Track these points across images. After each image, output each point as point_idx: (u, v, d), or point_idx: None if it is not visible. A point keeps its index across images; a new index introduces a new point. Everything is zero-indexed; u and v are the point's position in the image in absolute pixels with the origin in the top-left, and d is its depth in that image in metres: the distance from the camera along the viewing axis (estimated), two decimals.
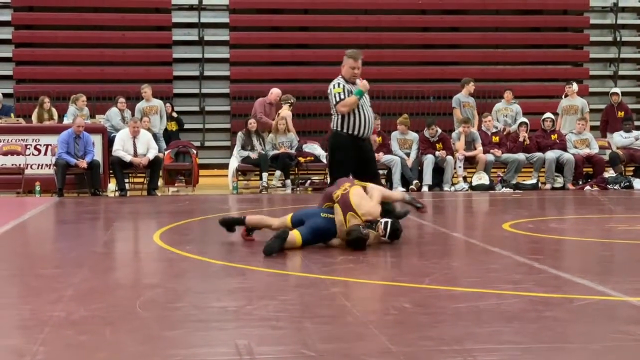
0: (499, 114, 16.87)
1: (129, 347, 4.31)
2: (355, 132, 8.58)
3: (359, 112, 8.59)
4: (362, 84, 8.72)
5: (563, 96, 17.30)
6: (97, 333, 4.56)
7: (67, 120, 15.93)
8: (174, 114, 17.48)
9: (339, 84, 8.68)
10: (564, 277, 6.21)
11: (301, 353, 4.12)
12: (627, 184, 15.77)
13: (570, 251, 7.62)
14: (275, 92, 16.77)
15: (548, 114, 16.50)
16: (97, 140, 15.21)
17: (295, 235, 7.56)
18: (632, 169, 16.84)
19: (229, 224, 8.28)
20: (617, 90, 18.04)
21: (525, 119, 16.47)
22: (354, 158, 8.59)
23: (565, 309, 5.12)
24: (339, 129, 8.66)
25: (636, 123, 18.43)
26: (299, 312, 5.11)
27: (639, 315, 4.99)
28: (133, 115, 16.23)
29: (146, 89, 16.59)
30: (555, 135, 16.20)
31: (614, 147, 16.73)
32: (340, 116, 8.59)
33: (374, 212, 7.51)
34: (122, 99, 16.56)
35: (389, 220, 7.66)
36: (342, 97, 8.59)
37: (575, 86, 17.08)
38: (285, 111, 16.65)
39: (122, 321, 4.85)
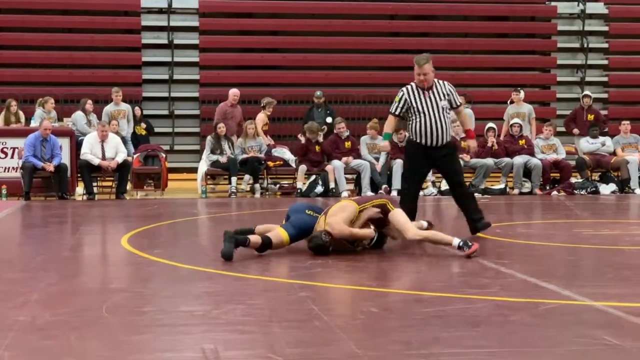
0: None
1: (94, 352, 4.29)
2: (420, 140, 8.66)
3: (423, 120, 8.60)
4: (382, 145, 9.34)
5: (509, 102, 17.41)
6: (62, 338, 4.53)
7: (34, 123, 15.83)
8: (143, 124, 17.33)
9: (401, 92, 8.80)
10: (530, 281, 6.26)
11: (268, 357, 4.12)
12: (594, 189, 15.91)
13: (537, 256, 7.68)
14: (232, 92, 16.75)
15: (516, 120, 16.61)
16: (64, 143, 15.11)
17: (282, 234, 7.56)
18: (598, 174, 16.99)
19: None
20: (589, 93, 18.21)
21: (493, 124, 16.56)
22: (418, 167, 8.73)
23: (531, 314, 5.16)
24: (408, 135, 8.90)
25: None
26: (266, 316, 5.11)
27: (604, 319, 5.03)
28: (99, 118, 16.15)
29: (119, 92, 16.50)
30: (523, 140, 16.30)
31: (580, 153, 16.88)
32: (409, 122, 8.75)
33: (336, 228, 7.42)
34: (89, 102, 16.44)
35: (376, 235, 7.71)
36: (393, 108, 8.90)
37: (522, 93, 17.22)
38: (260, 114, 16.66)
39: (88, 326, 4.82)
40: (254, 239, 7.42)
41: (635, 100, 21.46)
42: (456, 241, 7.42)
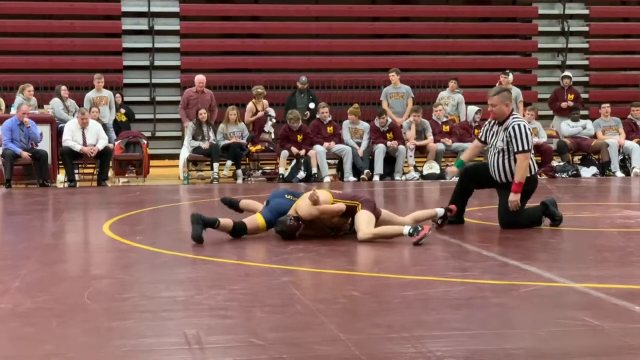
0: (437, 102, 17.00)
1: (76, 338, 4.28)
2: None
3: (489, 152, 8.51)
4: (450, 170, 9.42)
5: (497, 84, 17.46)
6: (43, 325, 4.52)
7: (14, 111, 15.72)
8: (122, 110, 17.25)
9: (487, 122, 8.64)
10: (511, 264, 6.29)
11: (250, 342, 4.13)
12: (575, 172, 16.00)
13: (518, 238, 7.71)
14: (197, 78, 16.64)
15: None
16: (45, 130, 15.03)
17: (257, 219, 7.57)
18: (579, 157, 17.07)
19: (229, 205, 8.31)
20: (569, 73, 18.30)
21: (477, 108, 16.59)
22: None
23: (512, 296, 5.19)
24: None
25: (583, 112, 18.69)
26: (248, 301, 5.11)
27: (584, 301, 5.06)
28: (78, 105, 16.06)
29: (100, 79, 16.40)
30: None
31: (561, 136, 16.95)
32: None
33: (303, 208, 7.43)
34: (64, 87, 16.32)
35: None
36: (480, 132, 8.82)
37: (511, 76, 17.26)
38: (249, 105, 16.49)
39: (69, 313, 4.81)
40: (224, 221, 7.43)
41: (615, 83, 21.58)
42: (406, 229, 7.29)
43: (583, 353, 3.97)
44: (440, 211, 8.14)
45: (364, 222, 7.43)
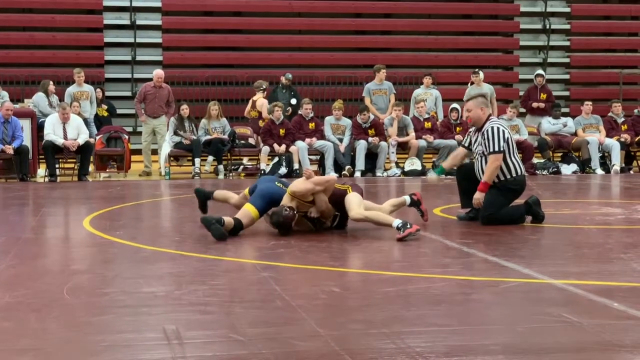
0: (417, 99, 16.99)
1: (54, 333, 4.27)
2: None
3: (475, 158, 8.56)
4: (430, 178, 9.53)
5: (469, 84, 17.47)
6: (22, 319, 4.50)
7: None
8: (104, 106, 17.18)
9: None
10: (491, 260, 6.31)
11: (230, 337, 4.13)
12: (555, 169, 16.06)
13: (498, 235, 7.73)
14: (156, 73, 16.50)
15: None
16: (25, 124, 14.96)
17: (250, 211, 7.56)
18: (559, 154, 17.14)
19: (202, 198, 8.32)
20: (542, 72, 18.38)
21: (457, 105, 16.63)
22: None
23: (492, 292, 5.21)
24: None
25: (564, 110, 18.76)
26: (228, 296, 5.11)
27: (562, 297, 5.09)
28: (61, 99, 15.98)
29: (80, 73, 16.30)
30: None
31: (542, 134, 17.01)
32: None
33: (299, 187, 7.47)
34: (51, 83, 16.21)
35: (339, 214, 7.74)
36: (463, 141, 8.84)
37: (481, 74, 17.28)
38: (261, 99, 16.47)
39: (48, 307, 4.79)
40: (228, 221, 7.36)
41: (596, 81, 21.66)
42: (396, 222, 7.30)
43: (561, 349, 3.99)
44: (407, 199, 8.17)
45: (356, 202, 7.53)
